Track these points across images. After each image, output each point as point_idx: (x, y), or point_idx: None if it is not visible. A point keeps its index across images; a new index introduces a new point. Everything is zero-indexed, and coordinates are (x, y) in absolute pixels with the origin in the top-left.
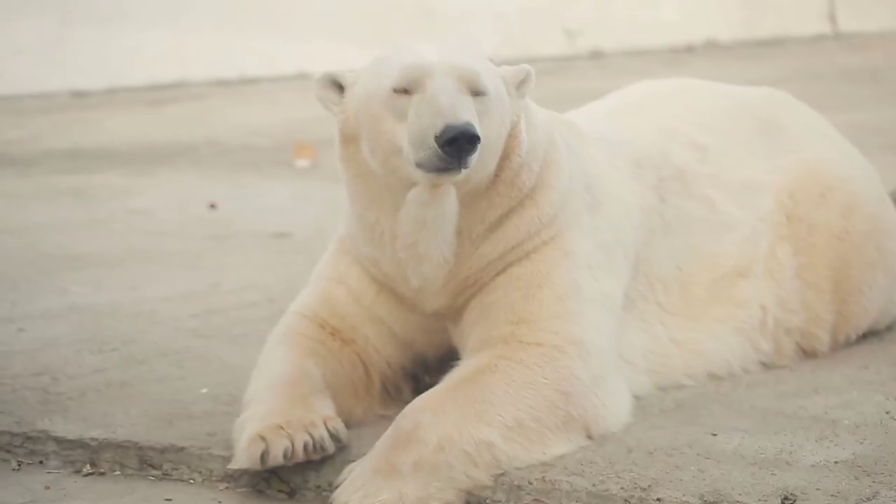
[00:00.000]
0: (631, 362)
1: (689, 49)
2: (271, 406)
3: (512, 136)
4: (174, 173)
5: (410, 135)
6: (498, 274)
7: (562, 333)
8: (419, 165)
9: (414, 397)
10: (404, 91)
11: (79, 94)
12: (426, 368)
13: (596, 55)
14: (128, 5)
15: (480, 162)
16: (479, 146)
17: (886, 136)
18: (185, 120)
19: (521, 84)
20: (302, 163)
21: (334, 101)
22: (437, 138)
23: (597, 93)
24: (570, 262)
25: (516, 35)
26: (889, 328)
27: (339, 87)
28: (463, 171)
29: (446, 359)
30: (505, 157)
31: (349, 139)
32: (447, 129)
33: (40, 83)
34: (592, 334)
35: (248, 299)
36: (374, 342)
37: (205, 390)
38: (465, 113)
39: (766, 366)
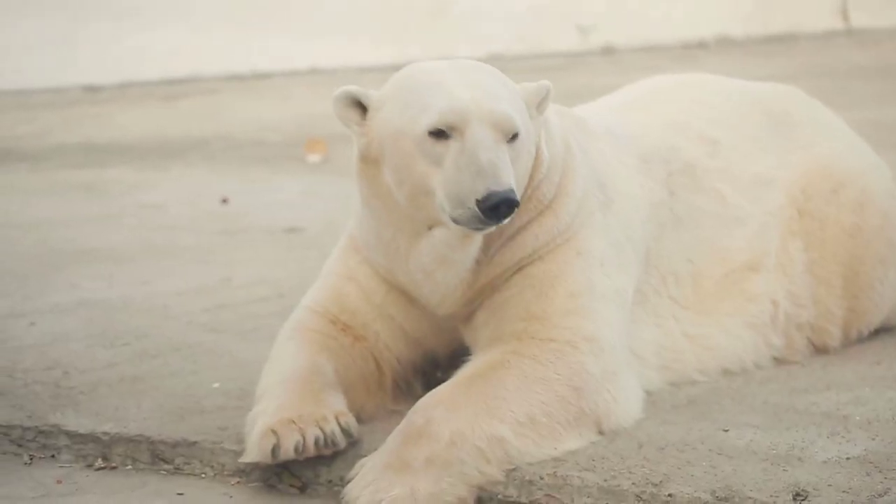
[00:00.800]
0: (642, 358)
1: (702, 45)
2: (283, 401)
3: (535, 156)
4: (186, 168)
5: (448, 190)
6: (512, 275)
7: (574, 329)
8: (455, 220)
9: (425, 393)
10: (440, 135)
11: (91, 89)
12: (437, 365)
13: (608, 51)
14: (140, 1)
15: None
16: (517, 209)
17: None
18: (197, 115)
19: (540, 102)
20: (313, 158)
21: (355, 122)
22: (478, 202)
23: (609, 88)
24: (583, 261)
25: (528, 31)
26: None
27: (361, 107)
28: (501, 224)
29: (457, 355)
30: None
31: (370, 161)
32: (490, 195)
33: (52, 78)
34: (605, 331)
35: (259, 294)
36: (385, 339)
37: (216, 385)
38: (505, 175)
39: (777, 361)
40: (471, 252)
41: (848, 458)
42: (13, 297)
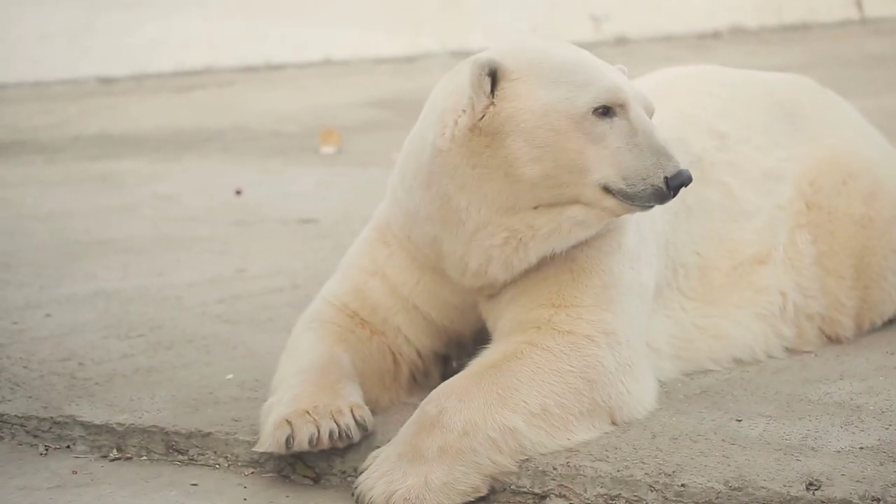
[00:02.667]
0: (656, 349)
1: (716, 35)
2: (299, 391)
3: None
4: (201, 159)
5: (626, 167)
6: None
7: (596, 323)
8: (627, 197)
9: (442, 382)
10: (604, 113)
11: (106, 81)
12: (459, 351)
13: (622, 41)
14: None
15: None
16: None
17: None
18: (211, 106)
19: None
20: (328, 149)
21: (486, 91)
22: (668, 180)
23: None
24: (620, 255)
25: (542, 21)
26: None
27: (493, 77)
28: None
29: (480, 340)
30: None
31: (487, 132)
32: (680, 173)
33: (68, 69)
34: (626, 325)
35: (274, 285)
36: (406, 332)
37: (230, 376)
38: (678, 158)
39: (790, 351)
40: (597, 230)
41: (861, 448)
42: (29, 287)
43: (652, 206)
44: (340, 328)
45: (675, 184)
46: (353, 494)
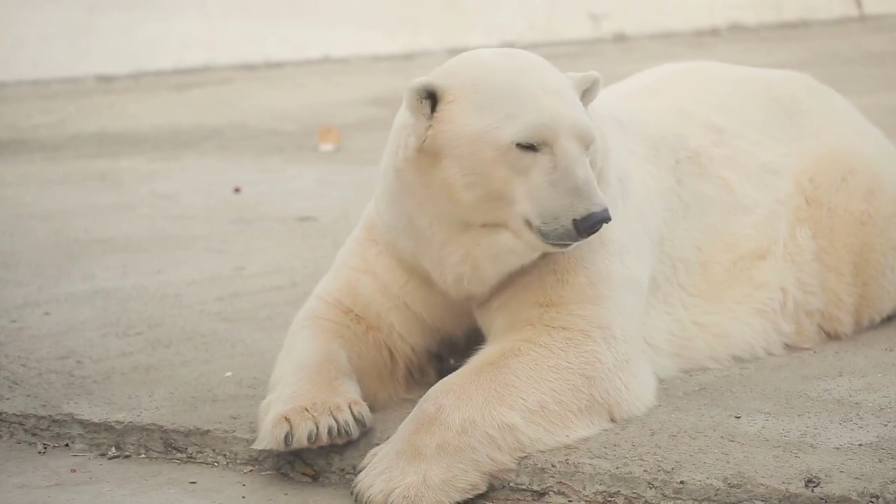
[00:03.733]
0: (655, 346)
1: (715, 32)
2: (296, 388)
3: None
4: (200, 157)
5: (541, 205)
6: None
7: (589, 318)
8: (543, 235)
9: (438, 380)
10: (528, 148)
11: (105, 79)
12: (452, 350)
13: (620, 39)
14: None
15: None
16: None
17: None
18: (210, 104)
19: (586, 92)
20: (327, 147)
21: (425, 113)
22: (576, 222)
23: (621, 76)
24: (605, 250)
25: (541, 19)
26: None
27: (433, 98)
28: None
29: (473, 340)
30: None
31: (430, 153)
32: (590, 216)
33: (67, 68)
34: (620, 319)
35: (272, 283)
36: (400, 329)
37: (229, 373)
38: (599, 192)
39: (789, 348)
40: (532, 258)
41: (860, 445)
42: (29, 286)
43: (569, 246)
44: (336, 324)
45: (584, 226)
46: (351, 492)
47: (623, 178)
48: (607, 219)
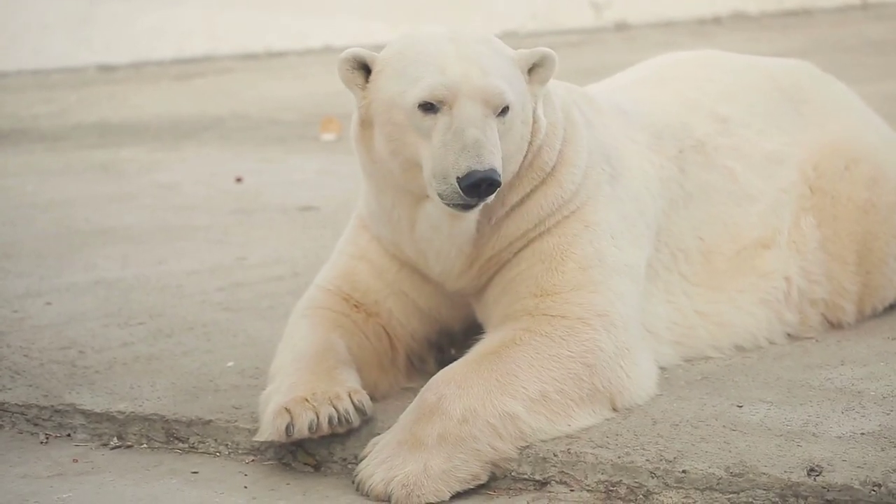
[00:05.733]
0: (656, 334)
1: (717, 20)
2: (296, 379)
3: (532, 123)
4: (201, 147)
5: (434, 164)
6: (520, 250)
7: (586, 305)
8: (440, 196)
9: (438, 369)
10: (429, 109)
11: (106, 69)
12: (451, 341)
13: (622, 27)
14: None
15: (505, 170)
16: (498, 188)
17: None
18: (211, 94)
19: (537, 68)
20: (328, 136)
21: (358, 84)
22: (459, 180)
23: (622, 65)
24: (591, 234)
25: (542, 8)
26: None
27: (366, 69)
28: (484, 203)
29: (471, 331)
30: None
31: (368, 125)
32: (471, 174)
33: (68, 57)
34: (617, 305)
35: (274, 273)
36: (398, 315)
37: (231, 363)
38: (489, 153)
39: (791, 337)
40: (464, 226)
41: (862, 434)
42: (30, 276)
43: (469, 209)
44: (335, 313)
45: (464, 184)
46: (353, 481)
47: (613, 162)
48: (492, 179)
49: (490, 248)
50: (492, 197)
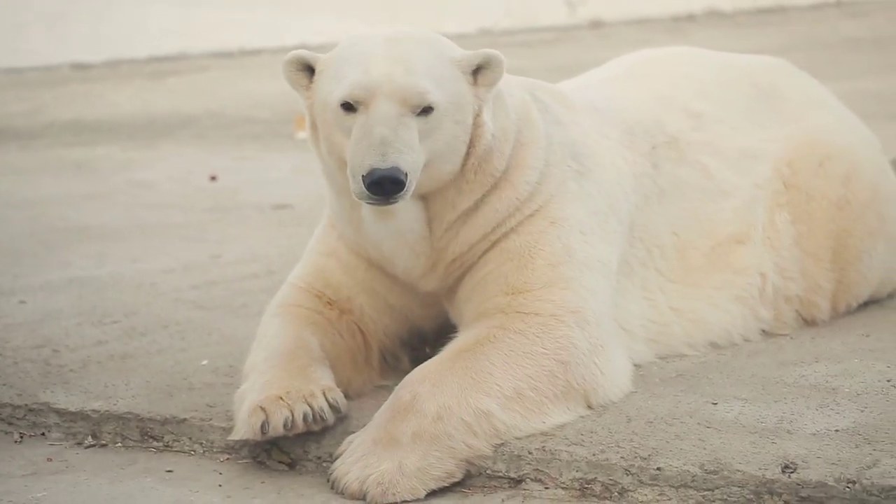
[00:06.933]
0: (630, 331)
1: (691, 17)
2: (270, 377)
3: (475, 125)
4: (176, 146)
5: (348, 162)
6: (487, 251)
7: (558, 302)
8: (355, 195)
9: (413, 367)
10: (349, 108)
11: (81, 67)
12: (424, 339)
13: (596, 24)
14: None
15: (436, 169)
16: (406, 187)
17: (889, 104)
18: (186, 92)
19: (483, 70)
20: (303, 135)
21: (303, 85)
22: (363, 178)
23: (597, 63)
24: (558, 230)
25: (517, 5)
26: (890, 296)
27: (311, 70)
28: (397, 201)
29: (444, 330)
30: (469, 146)
31: (314, 125)
32: (373, 171)
33: (43, 56)
34: (590, 302)
35: (248, 271)
36: (370, 313)
37: (205, 362)
38: (395, 152)
39: (766, 334)
40: (403, 225)
41: (837, 431)
42: (4, 275)
43: (385, 205)
44: (308, 311)
45: (367, 182)
46: (328, 479)
47: (582, 158)
48: (394, 178)
49: (451, 251)
50: (404, 195)
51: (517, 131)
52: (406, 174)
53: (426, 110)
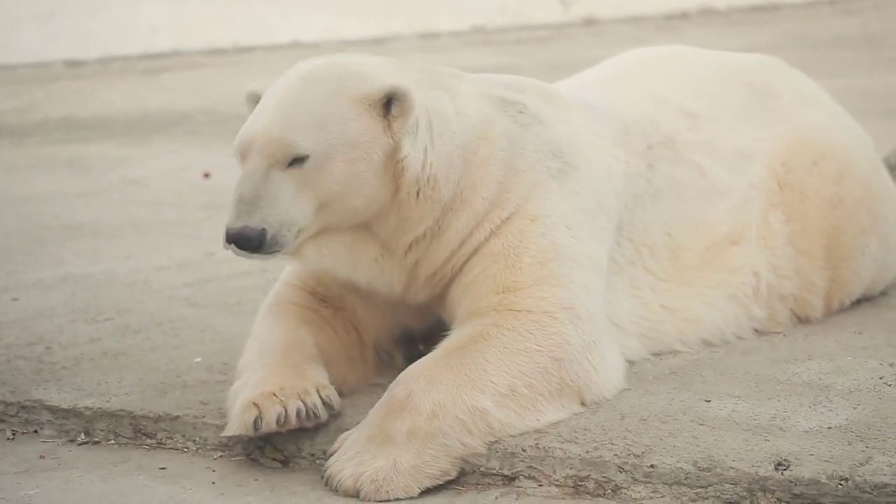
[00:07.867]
0: (622, 327)
1: (684, 15)
2: (263, 374)
3: (393, 158)
4: (169, 143)
5: None
6: (469, 257)
7: (550, 299)
8: None
9: (407, 365)
10: (241, 161)
11: (73, 64)
12: (417, 338)
13: (590, 22)
14: None
15: (342, 205)
16: (266, 242)
17: (881, 102)
18: (179, 89)
19: (395, 102)
20: None
21: None
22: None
23: (591, 61)
24: (540, 226)
25: (510, 3)
26: (883, 294)
27: None
28: (269, 253)
29: (437, 329)
30: (394, 178)
31: None
32: (226, 230)
33: (35, 53)
34: (582, 298)
35: (242, 268)
36: (361, 313)
37: (199, 359)
38: (246, 213)
39: (759, 332)
40: (326, 255)
41: (829, 428)
42: None
43: (251, 257)
44: (303, 308)
45: (224, 240)
46: (322, 477)
47: (565, 156)
48: (245, 237)
49: (424, 268)
50: (267, 249)
51: (470, 151)
52: (264, 229)
53: (299, 160)
